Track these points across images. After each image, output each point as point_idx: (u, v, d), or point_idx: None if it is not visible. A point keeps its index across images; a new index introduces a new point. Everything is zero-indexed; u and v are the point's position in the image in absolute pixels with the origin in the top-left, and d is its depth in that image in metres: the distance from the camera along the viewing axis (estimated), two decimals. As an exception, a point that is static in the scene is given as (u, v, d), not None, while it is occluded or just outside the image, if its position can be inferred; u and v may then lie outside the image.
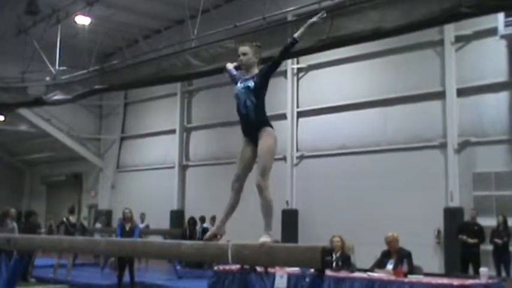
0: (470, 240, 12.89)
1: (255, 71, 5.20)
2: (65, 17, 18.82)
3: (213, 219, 16.90)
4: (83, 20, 19.82)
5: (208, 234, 5.33)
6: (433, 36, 15.42)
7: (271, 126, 5.08)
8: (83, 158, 26.41)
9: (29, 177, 32.73)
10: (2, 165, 31.05)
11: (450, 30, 15.17)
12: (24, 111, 23.31)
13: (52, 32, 18.68)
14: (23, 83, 19.38)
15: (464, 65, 15.21)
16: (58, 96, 18.03)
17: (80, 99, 18.69)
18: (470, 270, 12.79)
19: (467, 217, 13.93)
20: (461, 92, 15.13)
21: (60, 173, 29.23)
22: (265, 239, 4.77)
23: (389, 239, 9.35)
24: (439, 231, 15.01)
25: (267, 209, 4.92)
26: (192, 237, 17.25)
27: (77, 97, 17.94)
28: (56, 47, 18.58)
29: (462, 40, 15.28)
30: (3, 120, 25.63)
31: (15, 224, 13.39)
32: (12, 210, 13.98)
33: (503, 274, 12.55)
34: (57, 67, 18.77)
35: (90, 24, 20.08)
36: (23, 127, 26.00)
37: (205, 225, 17.54)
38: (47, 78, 18.88)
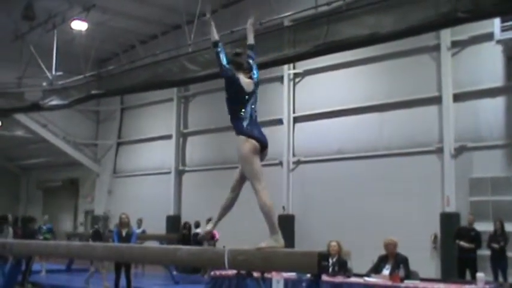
0: (467, 245, 12.89)
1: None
2: (61, 23, 18.82)
3: (210, 221, 16.65)
4: (79, 26, 19.81)
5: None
6: (429, 42, 15.44)
7: (242, 132, 5.07)
8: (79, 163, 26.37)
9: (25, 183, 32.67)
10: (-2, 171, 31.04)
11: (446, 36, 15.19)
12: (20, 117, 23.29)
13: (48, 38, 18.68)
14: (19, 88, 19.37)
15: (461, 70, 15.23)
16: (54, 102, 18.03)
17: (76, 104, 18.69)
18: (467, 276, 12.78)
19: (463, 222, 13.93)
20: (458, 97, 15.14)
21: (57, 178, 29.20)
22: (263, 244, 4.76)
23: (387, 242, 9.34)
24: (435, 236, 15.00)
25: (262, 212, 4.89)
26: (187, 242, 17.12)
27: (73, 102, 17.94)
28: (53, 52, 18.57)
29: (458, 45, 15.30)
30: (0, 126, 25.58)
31: (10, 229, 13.43)
32: (9, 216, 14.04)
33: (500, 279, 12.55)
34: (53, 72, 18.76)
35: (86, 29, 20.07)
36: (20, 132, 25.96)
37: (198, 230, 17.36)
38: (44, 84, 18.87)
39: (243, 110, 5.14)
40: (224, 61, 5.20)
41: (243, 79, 5.23)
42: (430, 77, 15.74)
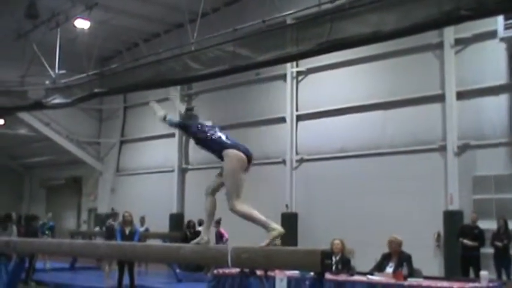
0: (470, 244, 12.88)
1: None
2: (64, 21, 18.80)
3: (218, 222, 16.23)
4: (82, 24, 19.81)
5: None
6: (432, 39, 15.42)
7: (227, 147, 5.40)
8: (82, 161, 26.40)
9: (29, 181, 32.72)
10: (2, 169, 31.05)
11: (450, 33, 15.16)
12: (23, 115, 23.31)
13: (52, 36, 18.67)
14: (22, 86, 19.37)
15: (464, 68, 15.20)
16: (57, 100, 18.00)
17: (79, 102, 18.64)
18: (471, 274, 12.77)
19: (467, 220, 13.91)
20: (461, 95, 15.12)
21: (60, 176, 29.23)
22: (266, 241, 4.81)
23: (391, 239, 9.33)
24: (438, 234, 14.99)
25: (250, 219, 5.11)
26: (190, 240, 17.05)
27: (76, 101, 17.90)
28: (56, 50, 18.57)
29: (462, 43, 15.27)
30: (3, 124, 25.62)
31: (14, 228, 13.46)
32: (13, 214, 14.08)
33: (504, 277, 12.54)
34: (56, 71, 18.75)
35: (89, 28, 20.07)
36: (23, 131, 25.98)
37: (200, 228, 17.30)
38: (47, 82, 18.86)
39: (217, 135, 5.60)
40: (178, 121, 6.09)
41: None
42: (433, 75, 15.72)
